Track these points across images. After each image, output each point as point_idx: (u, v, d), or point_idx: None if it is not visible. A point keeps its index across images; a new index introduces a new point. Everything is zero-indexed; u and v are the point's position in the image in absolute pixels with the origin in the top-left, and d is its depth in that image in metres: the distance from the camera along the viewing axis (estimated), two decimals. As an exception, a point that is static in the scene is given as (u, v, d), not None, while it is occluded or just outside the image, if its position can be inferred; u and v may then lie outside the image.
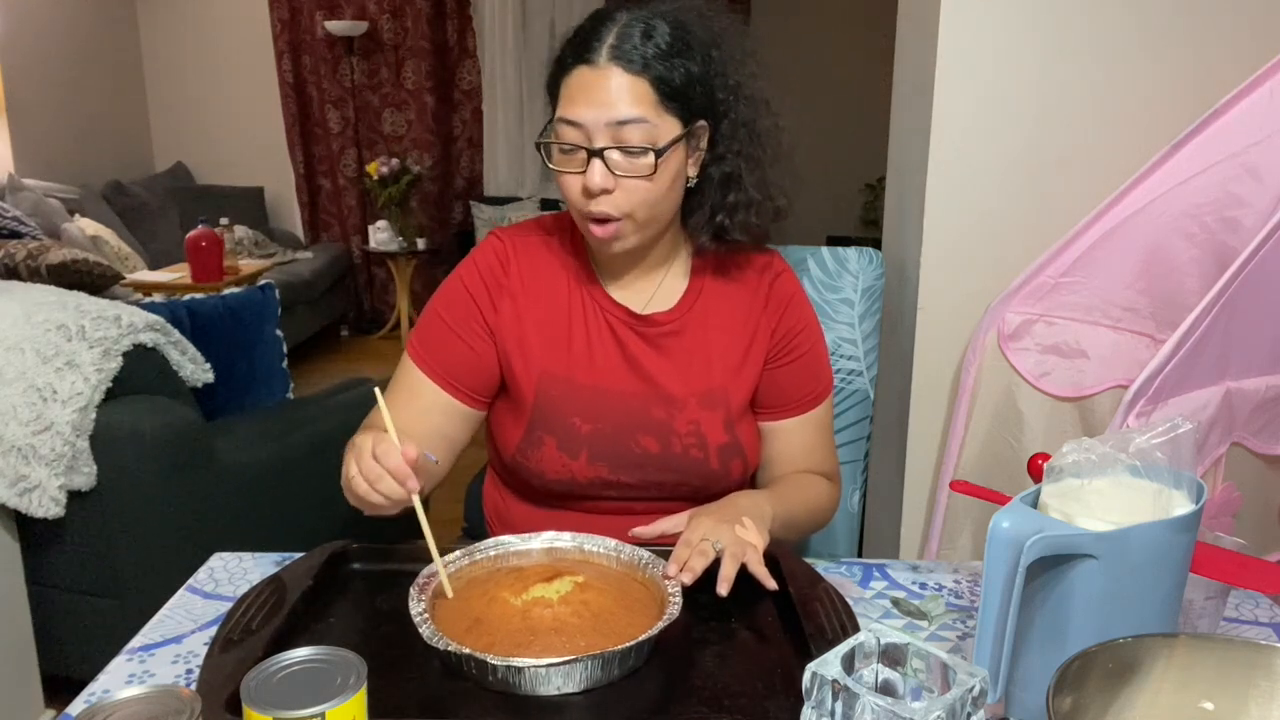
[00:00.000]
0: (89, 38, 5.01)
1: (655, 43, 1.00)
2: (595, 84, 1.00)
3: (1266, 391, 1.35)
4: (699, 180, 1.10)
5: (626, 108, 0.99)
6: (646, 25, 1.01)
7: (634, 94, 1.00)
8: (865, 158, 5.12)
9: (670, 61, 1.01)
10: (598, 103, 0.99)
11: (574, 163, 1.03)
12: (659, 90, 1.01)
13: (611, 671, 0.81)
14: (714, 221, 1.11)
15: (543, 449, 1.13)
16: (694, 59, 1.03)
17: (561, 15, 5.60)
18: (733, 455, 1.15)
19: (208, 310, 2.14)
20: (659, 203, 1.05)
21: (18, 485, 1.74)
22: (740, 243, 1.13)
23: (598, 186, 1.01)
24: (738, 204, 1.10)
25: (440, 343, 1.14)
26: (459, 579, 0.94)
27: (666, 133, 1.02)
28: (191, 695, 0.62)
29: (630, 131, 1.00)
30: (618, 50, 1.00)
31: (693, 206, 1.12)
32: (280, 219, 5.63)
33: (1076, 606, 0.72)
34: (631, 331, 1.14)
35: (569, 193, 1.05)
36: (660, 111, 1.01)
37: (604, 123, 0.99)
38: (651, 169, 1.01)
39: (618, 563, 0.97)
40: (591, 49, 1.00)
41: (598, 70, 1.00)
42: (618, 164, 1.01)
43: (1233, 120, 1.37)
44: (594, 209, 1.03)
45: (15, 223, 2.98)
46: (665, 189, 1.04)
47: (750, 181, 1.10)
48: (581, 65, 1.01)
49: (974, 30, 1.52)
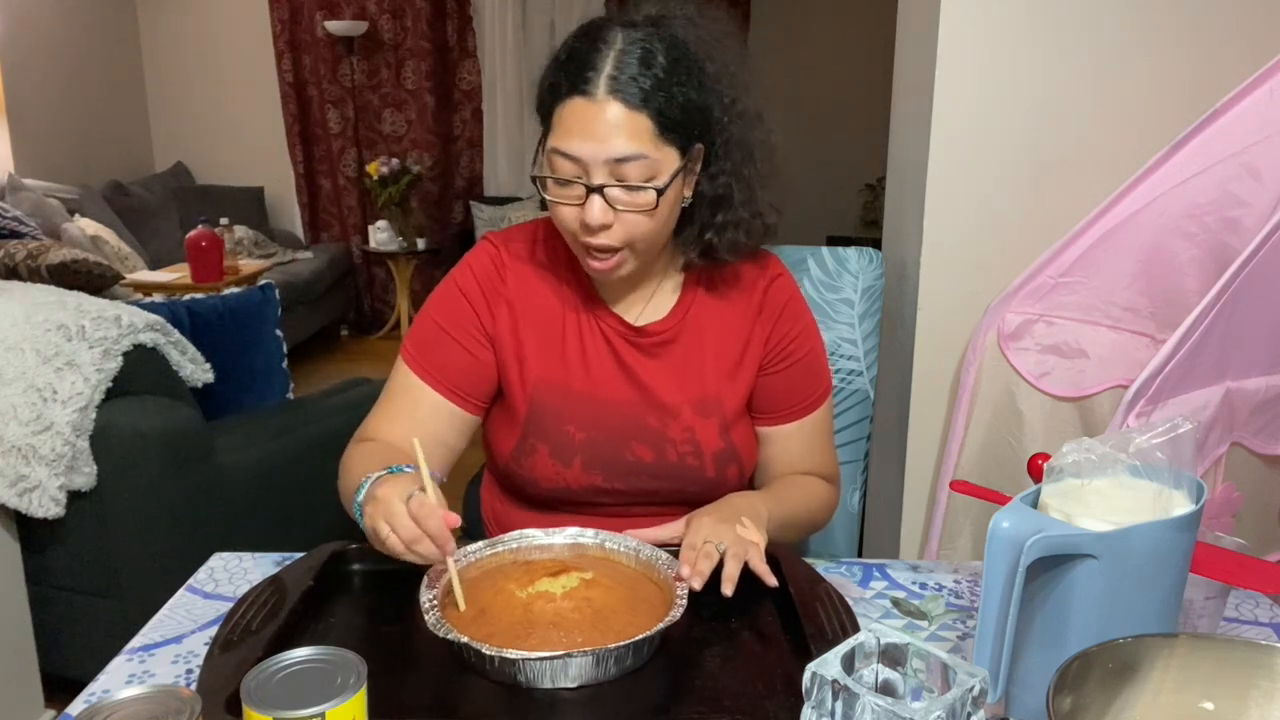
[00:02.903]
0: (89, 38, 5.01)
1: (654, 72, 0.96)
2: (593, 118, 0.96)
3: (1266, 391, 1.35)
4: (690, 205, 1.08)
5: (625, 144, 0.96)
6: (645, 51, 0.97)
7: (633, 129, 0.96)
8: (865, 158, 5.13)
9: (670, 92, 0.97)
10: (595, 137, 0.96)
11: (571, 195, 1.00)
12: (658, 123, 0.97)
13: (607, 669, 0.81)
14: (702, 240, 1.10)
15: (536, 456, 1.12)
16: (692, 83, 0.99)
17: (561, 15, 5.60)
18: (728, 461, 1.15)
19: (208, 310, 2.14)
20: (659, 233, 1.04)
21: (18, 485, 1.74)
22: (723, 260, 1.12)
23: (597, 223, 0.98)
24: (726, 224, 1.09)
25: (438, 348, 1.12)
26: (477, 568, 0.94)
27: (666, 165, 0.99)
28: (191, 695, 0.62)
29: (630, 168, 0.97)
30: (616, 82, 0.95)
31: (683, 223, 1.10)
32: (280, 219, 5.63)
33: (1076, 606, 0.72)
34: (625, 341, 1.13)
35: (566, 224, 1.02)
36: (659, 144, 0.98)
37: (602, 159, 0.96)
38: (653, 205, 0.99)
39: (636, 561, 0.97)
40: (588, 80, 0.96)
41: (595, 103, 0.96)
42: (617, 199, 0.98)
43: (1233, 120, 1.37)
44: (593, 242, 1.01)
45: (15, 223, 2.98)
46: (665, 220, 1.04)
47: (740, 200, 1.08)
48: (577, 96, 0.96)
49: (974, 30, 1.52)
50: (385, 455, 1.02)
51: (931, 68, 1.55)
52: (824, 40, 5.64)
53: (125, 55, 5.35)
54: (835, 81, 5.57)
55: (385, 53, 5.43)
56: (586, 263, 1.06)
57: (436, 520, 0.85)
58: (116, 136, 5.24)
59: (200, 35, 5.43)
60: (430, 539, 0.85)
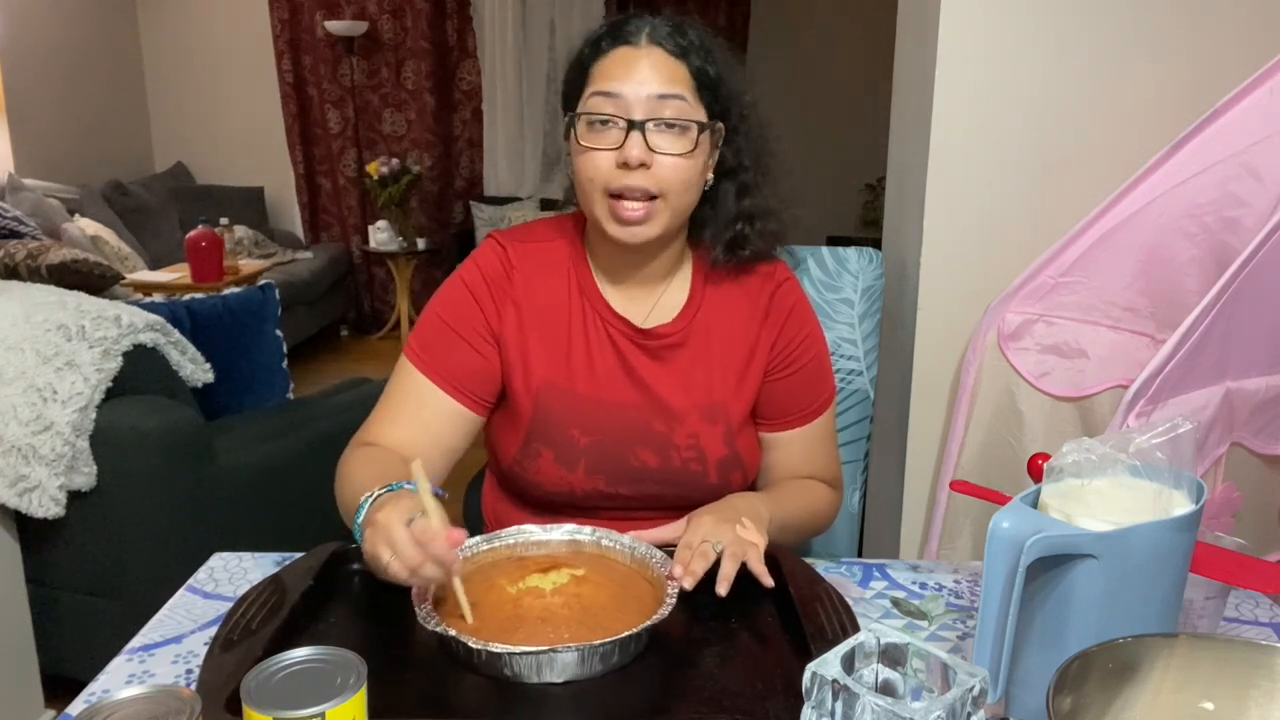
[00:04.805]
0: (89, 38, 5.01)
1: (690, 38, 1.04)
2: (637, 60, 1.02)
3: (1266, 391, 1.35)
4: (714, 191, 1.10)
5: (668, 84, 1.02)
6: (680, 22, 1.06)
7: (674, 73, 1.03)
8: (865, 158, 5.12)
9: (705, 56, 1.05)
10: (639, 78, 1.02)
11: (607, 138, 1.02)
12: (696, 78, 1.04)
13: (592, 665, 0.81)
14: (733, 228, 1.11)
15: (540, 460, 1.12)
16: (719, 63, 1.06)
17: (561, 15, 5.60)
18: (732, 468, 1.14)
19: (208, 310, 2.14)
20: (690, 187, 1.05)
21: (18, 485, 1.74)
22: (751, 253, 1.13)
23: (636, 159, 1.00)
24: (754, 211, 1.11)
25: (444, 347, 1.11)
26: (473, 564, 0.94)
27: (699, 117, 1.04)
28: (191, 695, 0.62)
29: (670, 106, 1.02)
30: (657, 34, 1.03)
31: (706, 219, 1.12)
32: (280, 219, 5.63)
33: (1076, 606, 0.72)
34: (632, 344, 1.13)
35: (597, 170, 1.02)
36: (695, 98, 1.04)
37: (645, 95, 1.01)
38: (692, 145, 1.03)
39: (630, 559, 0.97)
40: (630, 33, 1.04)
41: (638, 49, 1.03)
42: (655, 140, 1.01)
43: (1233, 120, 1.37)
44: (629, 182, 1.01)
45: (15, 223, 2.97)
46: (698, 174, 1.06)
47: (766, 187, 1.12)
48: (621, 45, 1.04)
49: (974, 30, 1.52)
50: (383, 466, 1.01)
51: (931, 68, 1.55)
52: (824, 40, 5.64)
53: (125, 55, 5.35)
54: (835, 81, 5.57)
55: (385, 53, 5.43)
56: (614, 214, 1.03)
57: (440, 545, 0.82)
58: (116, 136, 5.24)
59: (200, 35, 5.43)
60: (435, 563, 0.83)
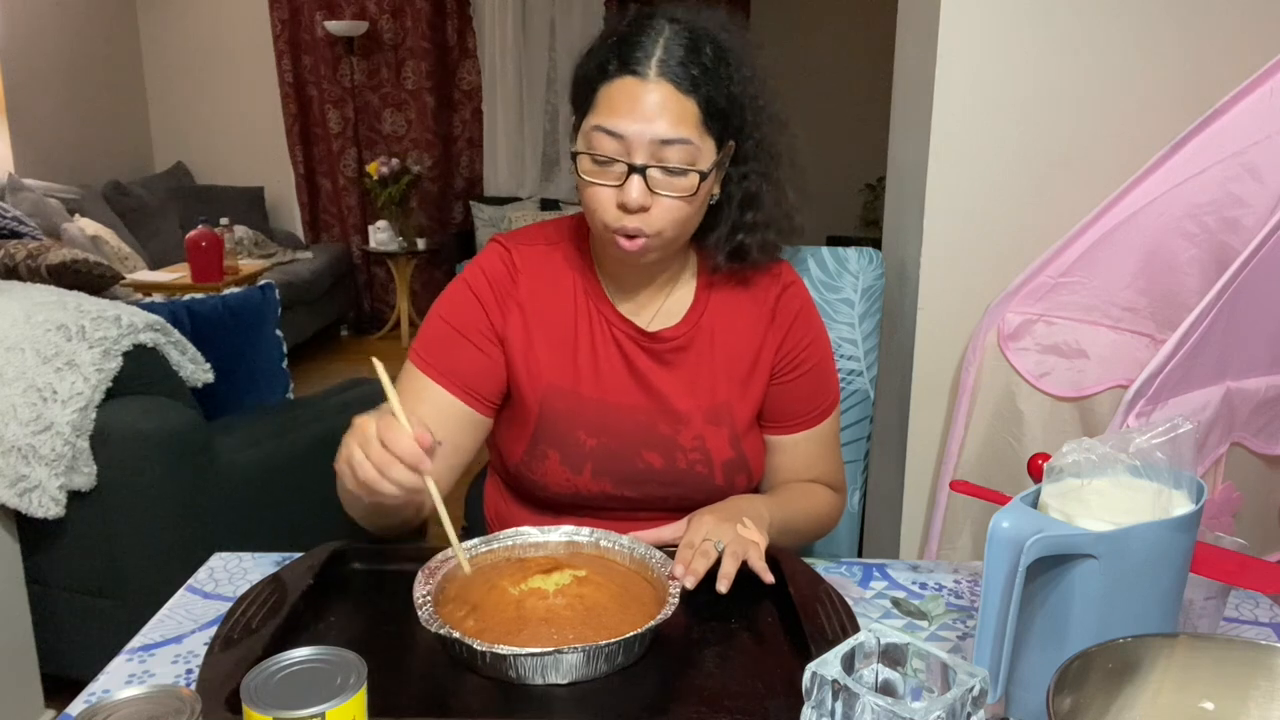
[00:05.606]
0: (89, 38, 5.01)
1: (702, 61, 0.98)
2: (642, 97, 0.97)
3: (1266, 391, 1.35)
4: (719, 203, 1.09)
5: (672, 127, 0.97)
6: (692, 39, 0.98)
7: (681, 113, 0.97)
8: (865, 158, 5.12)
9: (716, 82, 0.99)
10: (643, 117, 0.96)
11: (609, 175, 0.99)
12: (705, 111, 0.98)
13: (597, 666, 0.81)
14: (734, 240, 1.10)
15: (546, 462, 1.12)
16: (733, 79, 1.01)
17: (561, 15, 5.60)
18: (738, 471, 1.14)
19: (208, 310, 2.14)
20: (690, 221, 1.04)
21: (18, 485, 1.74)
22: (751, 262, 1.12)
23: (635, 204, 0.98)
24: (757, 223, 1.09)
25: (449, 349, 1.11)
26: (472, 565, 0.94)
27: (706, 155, 1.00)
28: (191, 695, 0.62)
29: (673, 151, 0.97)
30: (666, 65, 0.97)
31: (709, 225, 1.10)
32: (280, 219, 5.63)
33: (1076, 606, 0.72)
34: (637, 347, 1.13)
35: (598, 204, 1.01)
36: (703, 133, 0.99)
37: (648, 139, 0.96)
38: (693, 190, 0.99)
39: (630, 560, 0.97)
40: (638, 60, 0.97)
41: (645, 83, 0.97)
42: (657, 182, 0.98)
43: (1233, 120, 1.37)
44: (627, 224, 1.00)
45: (15, 223, 2.97)
46: (698, 209, 1.04)
47: (771, 200, 1.09)
48: (627, 75, 0.97)
49: (974, 30, 1.52)
50: None
51: (931, 68, 1.55)
52: (824, 40, 5.64)
53: (125, 55, 5.35)
54: (835, 81, 5.57)
55: (385, 53, 5.43)
56: (614, 243, 1.03)
57: (407, 441, 0.82)
58: (116, 136, 5.24)
59: (200, 35, 5.43)
60: (401, 461, 0.83)
